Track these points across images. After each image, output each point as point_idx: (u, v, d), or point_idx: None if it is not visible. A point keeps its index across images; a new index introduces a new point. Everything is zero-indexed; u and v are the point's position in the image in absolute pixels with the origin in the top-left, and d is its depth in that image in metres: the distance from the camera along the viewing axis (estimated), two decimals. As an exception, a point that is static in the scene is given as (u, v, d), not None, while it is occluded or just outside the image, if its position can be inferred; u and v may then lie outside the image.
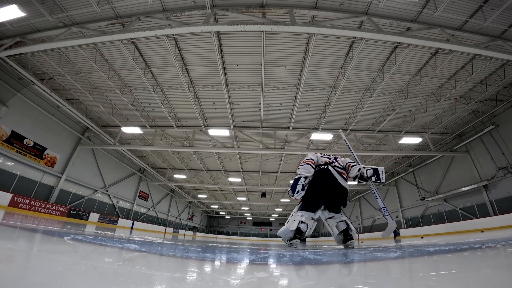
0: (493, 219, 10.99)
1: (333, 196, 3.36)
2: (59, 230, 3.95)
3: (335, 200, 3.39)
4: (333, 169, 3.42)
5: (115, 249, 1.89)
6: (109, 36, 7.16)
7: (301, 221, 3.15)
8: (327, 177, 3.36)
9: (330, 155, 3.71)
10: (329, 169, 3.40)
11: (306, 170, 3.42)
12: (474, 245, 2.14)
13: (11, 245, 1.48)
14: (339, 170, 3.43)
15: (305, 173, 3.40)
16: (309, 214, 3.20)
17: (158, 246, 2.80)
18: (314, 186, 3.40)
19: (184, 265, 1.38)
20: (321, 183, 3.36)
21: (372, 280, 0.95)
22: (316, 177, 3.44)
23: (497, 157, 11.54)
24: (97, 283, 0.72)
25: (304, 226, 3.13)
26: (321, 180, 3.37)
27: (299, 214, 3.21)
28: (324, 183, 3.35)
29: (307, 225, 3.15)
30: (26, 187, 11.88)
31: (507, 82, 9.74)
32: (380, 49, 8.54)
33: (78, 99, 12.28)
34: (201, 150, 14.09)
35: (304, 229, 3.12)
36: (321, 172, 3.44)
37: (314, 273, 1.13)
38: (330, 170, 3.39)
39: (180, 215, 31.25)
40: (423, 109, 11.42)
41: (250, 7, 7.15)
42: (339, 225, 3.27)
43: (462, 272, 0.95)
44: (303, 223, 3.15)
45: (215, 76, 9.86)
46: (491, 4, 6.66)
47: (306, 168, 3.44)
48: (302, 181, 3.36)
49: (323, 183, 3.36)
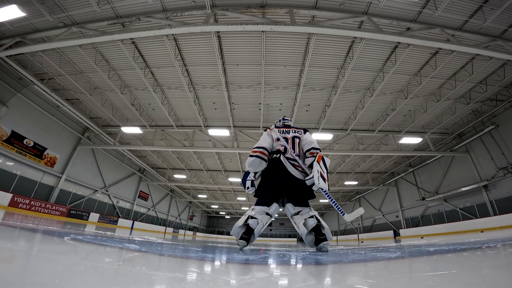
0: (493, 219, 10.99)
1: (291, 188, 2.83)
2: (59, 230, 3.95)
3: (295, 193, 2.83)
4: (285, 159, 2.86)
5: (115, 249, 1.89)
6: (109, 36, 7.17)
7: (251, 215, 2.63)
8: (277, 169, 2.84)
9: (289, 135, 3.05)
10: (280, 160, 2.85)
11: (254, 166, 2.88)
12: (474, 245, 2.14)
13: (11, 245, 1.48)
14: (292, 162, 2.86)
15: (253, 169, 2.90)
16: (261, 208, 2.69)
17: (158, 246, 2.80)
18: (265, 176, 2.93)
19: (184, 265, 1.38)
20: (272, 174, 2.86)
21: (372, 280, 0.95)
22: (268, 166, 2.92)
23: (497, 157, 11.54)
24: (97, 283, 0.72)
25: (253, 222, 2.57)
26: (272, 171, 2.87)
27: (251, 208, 2.76)
28: (276, 175, 2.83)
29: (257, 221, 2.58)
30: (26, 187, 11.88)
31: (507, 82, 9.74)
32: (380, 49, 8.54)
33: (78, 99, 12.29)
34: (201, 150, 14.09)
35: (253, 225, 2.56)
36: (272, 162, 2.91)
37: (314, 273, 1.13)
38: (282, 161, 2.84)
39: (180, 215, 31.25)
40: (423, 109, 11.43)
41: (250, 7, 7.15)
42: (308, 222, 2.61)
43: (462, 272, 0.95)
44: (253, 218, 2.60)
45: (215, 76, 9.86)
46: (491, 4, 6.66)
47: (254, 162, 2.87)
48: (251, 176, 2.92)
49: (274, 174, 2.85)
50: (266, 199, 2.78)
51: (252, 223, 2.58)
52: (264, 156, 2.90)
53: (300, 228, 2.66)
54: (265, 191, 2.85)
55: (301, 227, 2.65)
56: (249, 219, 2.61)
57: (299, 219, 2.71)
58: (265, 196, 2.81)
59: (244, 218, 2.66)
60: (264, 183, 2.92)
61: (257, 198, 2.85)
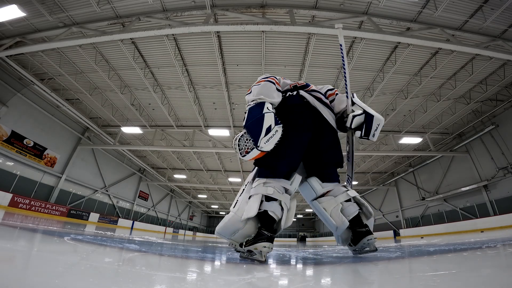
0: (493, 219, 10.99)
1: (319, 146, 1.76)
2: (59, 230, 3.95)
3: (327, 155, 1.79)
4: (309, 95, 1.83)
5: (115, 249, 1.89)
6: (109, 36, 7.17)
7: (268, 195, 1.51)
8: (302, 110, 1.76)
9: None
10: (303, 96, 1.82)
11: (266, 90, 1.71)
12: (474, 245, 2.14)
13: (11, 245, 1.48)
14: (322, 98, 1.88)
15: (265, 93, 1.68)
16: (280, 183, 1.59)
17: (158, 246, 2.80)
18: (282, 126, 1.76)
19: (184, 265, 1.38)
20: (294, 121, 1.71)
21: (372, 280, 0.95)
22: (282, 112, 1.76)
23: (497, 157, 11.54)
24: (97, 283, 0.72)
25: (276, 207, 1.48)
26: (294, 116, 1.74)
27: (260, 184, 1.58)
28: (300, 121, 1.73)
29: (280, 205, 1.50)
30: (26, 187, 11.88)
31: (507, 82, 9.74)
32: (380, 49, 8.54)
33: (78, 99, 12.29)
34: (201, 150, 14.09)
35: (277, 213, 1.47)
36: (290, 102, 1.81)
37: (314, 273, 1.13)
38: (306, 97, 1.81)
39: (180, 215, 31.26)
40: (423, 109, 11.43)
41: (250, 7, 7.15)
42: (348, 208, 1.63)
43: (462, 272, 0.95)
44: (271, 200, 1.51)
45: (215, 76, 9.86)
46: (491, 4, 6.66)
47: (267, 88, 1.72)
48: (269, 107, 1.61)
49: (297, 120, 1.72)
50: (284, 167, 1.66)
51: (274, 209, 1.47)
52: (276, 83, 1.79)
53: (335, 218, 1.60)
54: (283, 153, 1.65)
55: (337, 216, 1.59)
56: (264, 202, 1.50)
57: (330, 203, 1.64)
58: (285, 161, 1.65)
59: (256, 203, 1.48)
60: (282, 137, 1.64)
61: (266, 165, 1.68)
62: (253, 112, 1.62)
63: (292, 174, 1.70)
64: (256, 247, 1.38)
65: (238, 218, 1.50)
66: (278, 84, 1.81)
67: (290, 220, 1.55)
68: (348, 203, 1.66)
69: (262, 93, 1.69)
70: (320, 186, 1.72)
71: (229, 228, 1.55)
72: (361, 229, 1.63)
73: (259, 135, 1.53)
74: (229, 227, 1.55)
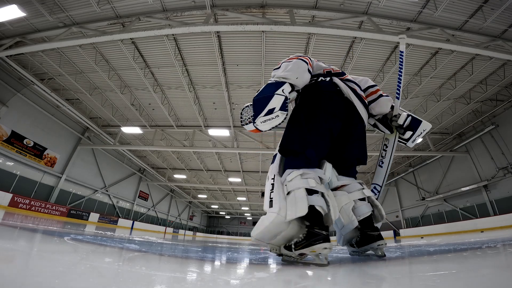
0: (493, 219, 10.99)
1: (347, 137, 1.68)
2: (59, 230, 3.95)
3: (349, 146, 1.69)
4: (344, 84, 1.69)
5: (115, 249, 1.89)
6: (109, 36, 7.17)
7: (311, 188, 1.34)
8: (335, 98, 1.65)
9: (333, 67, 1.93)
10: (336, 83, 1.70)
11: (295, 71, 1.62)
12: (474, 245, 2.14)
13: (11, 245, 1.48)
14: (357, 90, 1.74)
15: (293, 75, 1.60)
16: (316, 173, 1.43)
17: (158, 246, 2.80)
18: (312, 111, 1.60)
19: (184, 265, 1.38)
20: (326, 108, 1.60)
21: (372, 280, 0.95)
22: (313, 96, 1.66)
23: (497, 157, 11.54)
24: (97, 283, 0.72)
25: (322, 201, 1.33)
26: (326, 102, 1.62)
27: (297, 176, 1.39)
28: (332, 108, 1.61)
29: (323, 197, 1.35)
30: (26, 187, 11.88)
31: (507, 82, 9.74)
32: (380, 49, 8.54)
33: (78, 99, 12.29)
34: (201, 150, 14.09)
35: (323, 206, 1.31)
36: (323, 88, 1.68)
37: (313, 273, 1.12)
38: (339, 85, 1.68)
39: (180, 215, 31.25)
40: (423, 109, 11.42)
41: (250, 7, 7.15)
42: (360, 208, 1.54)
43: (462, 272, 0.95)
44: (314, 193, 1.34)
45: (215, 76, 9.86)
46: (491, 4, 6.66)
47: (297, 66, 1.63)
48: (285, 90, 1.54)
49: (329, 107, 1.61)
50: (315, 155, 1.49)
51: (321, 203, 1.32)
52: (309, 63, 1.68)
53: (344, 216, 1.49)
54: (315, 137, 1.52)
55: (346, 214, 1.49)
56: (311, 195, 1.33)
57: (342, 199, 1.52)
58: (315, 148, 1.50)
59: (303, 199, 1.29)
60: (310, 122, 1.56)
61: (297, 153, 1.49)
62: (267, 89, 1.60)
63: (322, 162, 1.54)
64: (313, 249, 1.20)
65: (282, 218, 1.31)
66: (311, 65, 1.71)
67: (337, 213, 1.38)
68: (362, 202, 1.57)
69: (290, 69, 1.62)
70: (336, 178, 1.62)
71: (272, 231, 1.34)
72: (373, 232, 1.54)
73: (259, 112, 1.51)
74: (272, 230, 1.34)
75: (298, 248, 1.27)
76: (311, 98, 1.64)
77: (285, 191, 1.39)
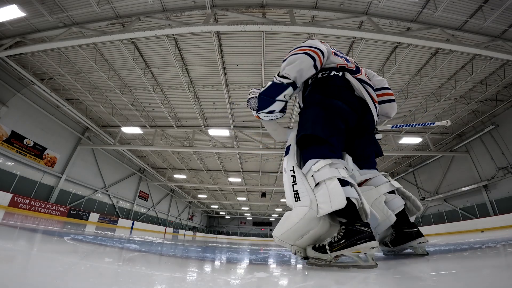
0: (493, 219, 10.98)
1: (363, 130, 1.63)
2: (59, 230, 3.95)
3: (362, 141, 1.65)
4: (357, 82, 1.62)
5: (115, 249, 1.89)
6: (109, 36, 7.17)
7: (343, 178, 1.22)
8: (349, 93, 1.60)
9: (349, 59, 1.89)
10: (348, 80, 1.63)
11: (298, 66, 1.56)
12: (474, 245, 2.14)
13: (11, 245, 1.48)
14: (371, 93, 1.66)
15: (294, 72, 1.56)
16: (343, 163, 1.35)
17: (158, 246, 2.80)
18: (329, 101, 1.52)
19: (184, 265, 1.38)
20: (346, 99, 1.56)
21: (372, 280, 0.95)
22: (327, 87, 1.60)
23: (497, 157, 11.54)
24: (97, 283, 0.72)
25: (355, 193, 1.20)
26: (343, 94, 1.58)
27: (326, 165, 1.26)
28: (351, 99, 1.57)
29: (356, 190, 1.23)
30: (26, 187, 11.88)
31: (507, 82, 9.73)
32: (380, 49, 8.54)
33: (78, 99, 12.28)
34: (201, 150, 14.09)
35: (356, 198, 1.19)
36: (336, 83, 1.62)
37: (313, 273, 1.12)
38: (352, 83, 1.61)
39: (180, 215, 31.25)
40: (423, 109, 11.42)
41: (250, 7, 7.15)
42: (393, 202, 1.45)
43: (462, 272, 0.95)
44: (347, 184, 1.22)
45: (215, 76, 9.86)
46: (491, 4, 6.66)
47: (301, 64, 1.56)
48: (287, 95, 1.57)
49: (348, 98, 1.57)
50: (339, 143, 1.42)
51: (356, 194, 1.20)
52: (318, 59, 1.57)
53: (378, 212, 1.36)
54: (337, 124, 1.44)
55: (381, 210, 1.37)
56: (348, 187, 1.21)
57: (371, 194, 1.44)
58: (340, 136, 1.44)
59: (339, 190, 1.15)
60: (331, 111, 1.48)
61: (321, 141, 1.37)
62: (272, 90, 1.60)
63: (343, 154, 1.43)
64: (357, 249, 1.05)
65: (315, 213, 1.15)
66: (321, 59, 1.60)
67: (369, 208, 1.21)
68: (393, 195, 1.44)
69: (294, 67, 1.56)
70: (358, 173, 1.50)
71: (301, 230, 1.18)
72: (410, 229, 1.39)
73: (261, 109, 1.62)
74: (302, 228, 1.17)
75: (335, 249, 1.10)
76: (326, 89, 1.59)
77: (311, 182, 1.24)
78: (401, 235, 1.41)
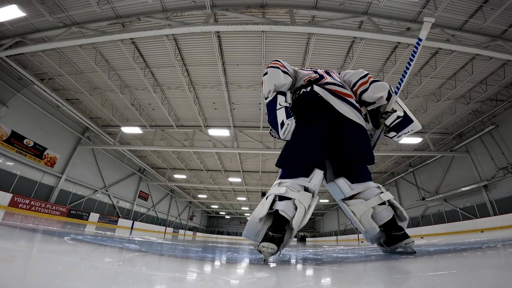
0: (493, 219, 10.98)
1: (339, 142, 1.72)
2: (59, 230, 3.95)
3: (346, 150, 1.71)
4: (323, 90, 1.76)
5: (115, 249, 1.89)
6: (109, 36, 7.17)
7: (280, 195, 1.48)
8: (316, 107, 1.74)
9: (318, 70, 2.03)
10: (315, 92, 1.76)
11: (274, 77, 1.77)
12: (474, 245, 2.14)
13: (11, 245, 1.48)
14: (339, 91, 1.79)
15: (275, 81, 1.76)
16: (295, 181, 1.53)
17: (158, 246, 2.80)
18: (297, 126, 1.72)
19: (184, 265, 1.38)
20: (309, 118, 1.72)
21: (372, 280, 0.95)
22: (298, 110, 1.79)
23: (497, 157, 11.54)
24: (97, 283, 0.72)
25: (287, 206, 1.43)
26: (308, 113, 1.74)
27: (275, 185, 1.58)
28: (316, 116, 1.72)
29: (293, 204, 1.44)
30: (26, 187, 11.89)
31: (507, 82, 9.74)
32: (380, 49, 8.54)
33: (78, 99, 12.29)
34: (201, 150, 14.09)
35: (287, 211, 1.42)
36: (304, 100, 1.79)
37: (313, 273, 1.13)
38: (319, 92, 1.75)
39: (180, 215, 31.26)
40: (423, 109, 11.42)
41: (250, 7, 7.15)
42: (380, 214, 1.56)
43: (462, 272, 0.95)
44: (284, 199, 1.47)
45: (215, 76, 9.87)
46: (491, 4, 6.66)
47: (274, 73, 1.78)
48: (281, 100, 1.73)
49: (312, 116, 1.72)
50: (301, 164, 1.59)
51: (284, 207, 1.42)
52: (280, 66, 1.82)
53: (365, 224, 1.53)
54: (299, 149, 1.64)
55: (367, 222, 1.52)
56: (277, 201, 1.48)
57: (360, 208, 1.56)
58: (300, 158, 1.61)
59: (267, 203, 1.47)
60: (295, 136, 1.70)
61: (284, 165, 1.65)
62: (269, 109, 1.79)
63: (314, 169, 1.59)
64: (259, 247, 1.40)
65: (256, 219, 1.51)
66: (283, 66, 1.83)
67: (306, 219, 1.44)
68: (382, 207, 1.58)
69: (268, 81, 1.78)
70: (349, 188, 1.63)
71: (252, 230, 1.54)
72: (397, 232, 1.58)
73: (277, 129, 1.72)
74: (251, 229, 1.54)
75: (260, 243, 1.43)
76: (296, 112, 1.79)
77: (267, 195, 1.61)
78: (391, 238, 1.62)
